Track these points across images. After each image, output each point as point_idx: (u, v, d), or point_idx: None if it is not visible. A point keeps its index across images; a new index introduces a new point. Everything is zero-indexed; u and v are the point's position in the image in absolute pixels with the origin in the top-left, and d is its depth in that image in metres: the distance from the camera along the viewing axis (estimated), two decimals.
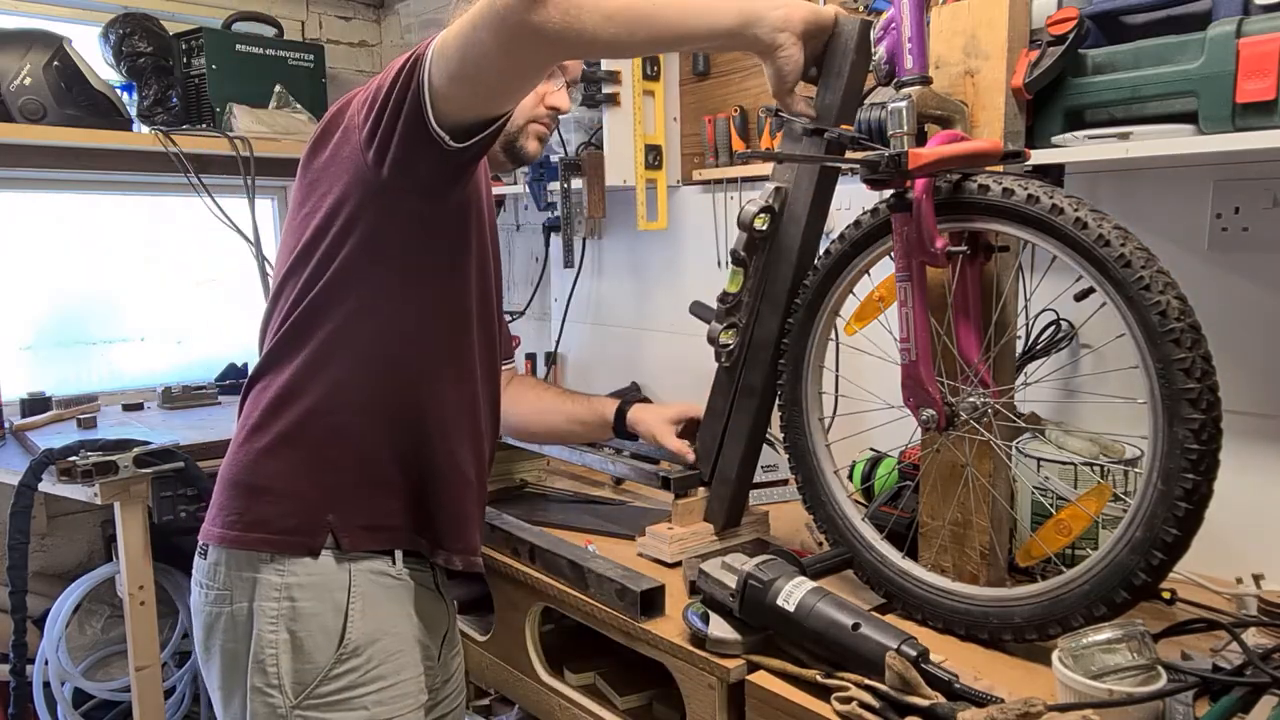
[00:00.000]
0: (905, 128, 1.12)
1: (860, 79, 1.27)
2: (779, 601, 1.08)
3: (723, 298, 1.39)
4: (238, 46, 2.52)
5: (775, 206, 1.35)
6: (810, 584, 1.09)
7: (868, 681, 0.98)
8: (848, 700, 0.97)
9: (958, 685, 0.96)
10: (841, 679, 1.01)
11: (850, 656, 1.02)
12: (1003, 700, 0.92)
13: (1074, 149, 1.21)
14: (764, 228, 1.34)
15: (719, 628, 1.14)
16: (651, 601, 1.25)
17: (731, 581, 1.13)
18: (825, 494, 1.32)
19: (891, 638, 1.00)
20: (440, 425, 1.25)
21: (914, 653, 0.98)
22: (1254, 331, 1.30)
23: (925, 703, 0.94)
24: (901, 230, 1.14)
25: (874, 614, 1.07)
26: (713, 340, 1.42)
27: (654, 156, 2.09)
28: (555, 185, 2.15)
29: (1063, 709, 0.90)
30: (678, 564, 1.40)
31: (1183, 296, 0.98)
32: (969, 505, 1.21)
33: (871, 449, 1.57)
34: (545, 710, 1.49)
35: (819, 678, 1.03)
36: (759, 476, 1.64)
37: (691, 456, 1.49)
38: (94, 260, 2.65)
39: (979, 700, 0.93)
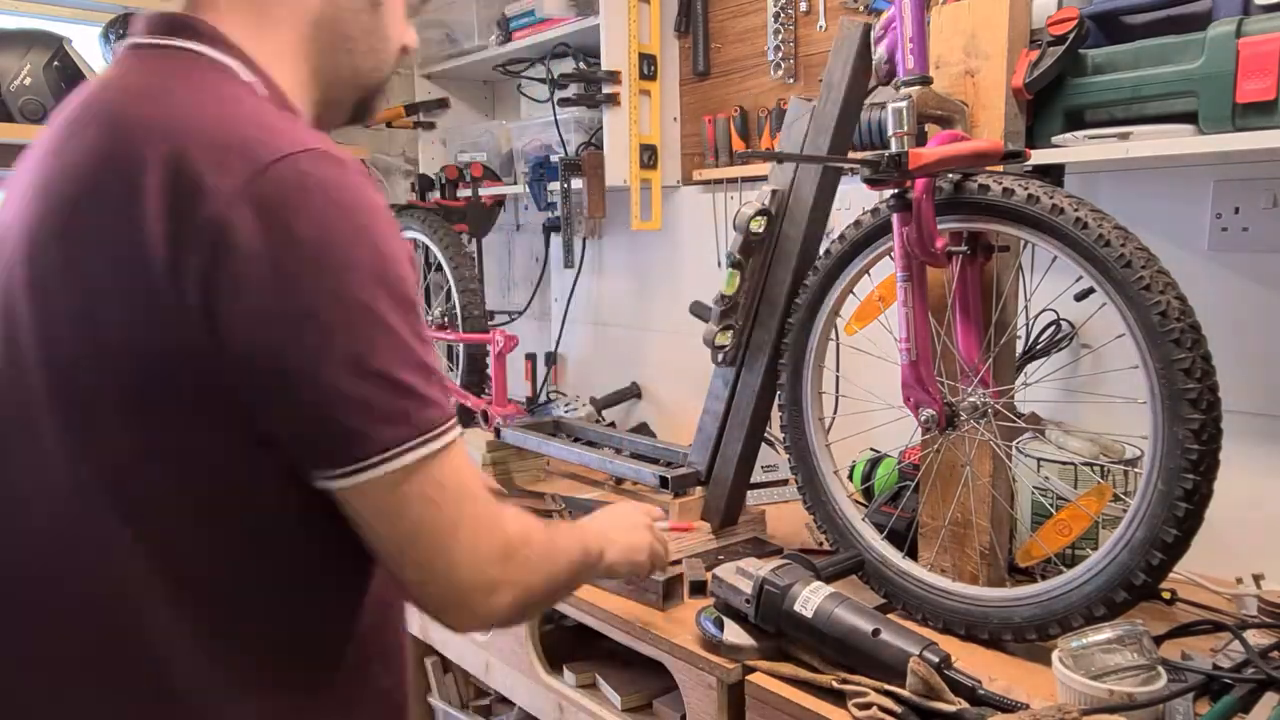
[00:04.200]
0: (905, 128, 1.12)
1: (860, 88, 1.27)
2: (796, 607, 1.06)
3: (719, 299, 1.39)
4: None
5: (772, 209, 1.35)
6: (827, 589, 1.08)
7: (887, 687, 0.97)
8: (867, 706, 0.96)
9: (981, 691, 0.95)
10: (858, 684, 0.99)
11: (870, 662, 1.00)
12: (1027, 706, 0.91)
13: (1074, 149, 1.21)
14: (760, 230, 1.34)
15: (733, 634, 1.12)
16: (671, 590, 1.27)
17: (747, 587, 1.11)
18: (825, 494, 1.32)
19: (913, 644, 0.98)
20: None
21: (937, 659, 0.97)
22: (1254, 331, 1.30)
23: (950, 709, 0.93)
24: (902, 230, 1.14)
25: (893, 619, 1.06)
26: (708, 342, 1.42)
27: (649, 156, 2.09)
28: (555, 185, 2.15)
29: (1090, 713, 0.89)
30: (676, 562, 1.40)
31: (1183, 296, 0.98)
32: (969, 505, 1.20)
33: (871, 449, 1.57)
34: (545, 710, 1.49)
35: (834, 683, 1.01)
36: (759, 476, 1.64)
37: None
38: None
39: (1004, 706, 0.93)
